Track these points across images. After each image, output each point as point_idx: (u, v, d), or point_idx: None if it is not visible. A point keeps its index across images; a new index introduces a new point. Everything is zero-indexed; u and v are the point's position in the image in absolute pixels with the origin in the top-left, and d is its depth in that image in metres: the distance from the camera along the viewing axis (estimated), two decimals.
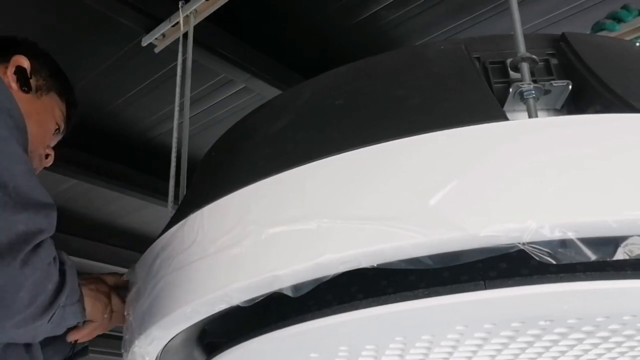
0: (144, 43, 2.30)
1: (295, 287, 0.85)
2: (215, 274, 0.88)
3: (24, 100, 1.27)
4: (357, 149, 0.86)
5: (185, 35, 2.07)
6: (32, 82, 1.35)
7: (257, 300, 0.88)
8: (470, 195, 0.78)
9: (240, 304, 0.89)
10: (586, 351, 0.99)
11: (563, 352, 1.00)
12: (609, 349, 0.99)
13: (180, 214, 1.00)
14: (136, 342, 1.06)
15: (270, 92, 2.63)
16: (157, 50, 2.31)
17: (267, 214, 0.87)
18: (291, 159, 0.90)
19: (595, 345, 0.97)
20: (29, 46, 1.41)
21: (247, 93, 2.81)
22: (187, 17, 2.09)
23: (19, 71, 1.32)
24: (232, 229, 0.89)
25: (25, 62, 1.33)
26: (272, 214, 0.87)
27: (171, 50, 2.38)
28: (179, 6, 2.08)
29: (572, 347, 0.97)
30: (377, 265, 0.82)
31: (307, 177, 0.87)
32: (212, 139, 1.30)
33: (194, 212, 0.94)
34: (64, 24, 2.34)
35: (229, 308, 0.94)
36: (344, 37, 2.49)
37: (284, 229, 0.85)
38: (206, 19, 2.12)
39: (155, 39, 2.28)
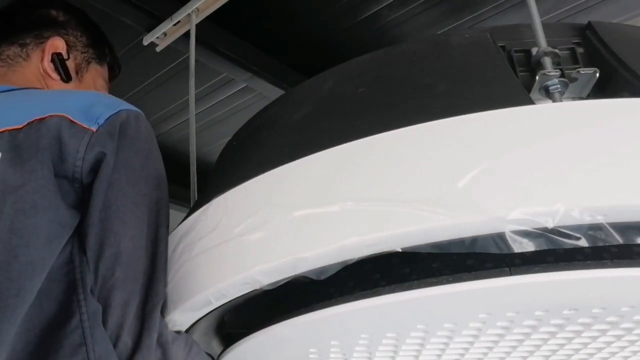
0: (146, 42, 2.30)
1: (320, 270, 0.84)
2: (239, 257, 0.88)
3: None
4: (382, 132, 0.85)
5: (187, 33, 2.07)
6: (71, 62, 1.27)
7: (280, 284, 0.87)
8: (499, 178, 0.78)
9: (264, 288, 0.88)
10: (609, 343, 0.99)
11: (585, 344, 0.99)
12: (632, 342, 0.99)
13: (204, 198, 0.99)
14: None
15: (271, 91, 2.63)
16: (158, 49, 2.31)
17: (292, 198, 0.87)
18: (315, 144, 0.90)
19: (619, 337, 0.96)
20: (66, 14, 1.31)
21: (248, 92, 2.81)
22: (188, 15, 2.10)
23: (56, 58, 1.24)
24: (256, 212, 0.88)
25: (61, 45, 1.25)
26: (296, 197, 0.87)
27: (172, 50, 2.37)
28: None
29: (595, 338, 0.96)
30: (402, 249, 0.81)
31: (331, 161, 0.87)
32: (213, 138, 1.29)
33: (217, 196, 0.94)
34: None
35: (249, 297, 0.94)
36: (345, 36, 2.50)
37: (309, 212, 0.85)
38: (207, 17, 2.12)
39: (157, 37, 2.27)
